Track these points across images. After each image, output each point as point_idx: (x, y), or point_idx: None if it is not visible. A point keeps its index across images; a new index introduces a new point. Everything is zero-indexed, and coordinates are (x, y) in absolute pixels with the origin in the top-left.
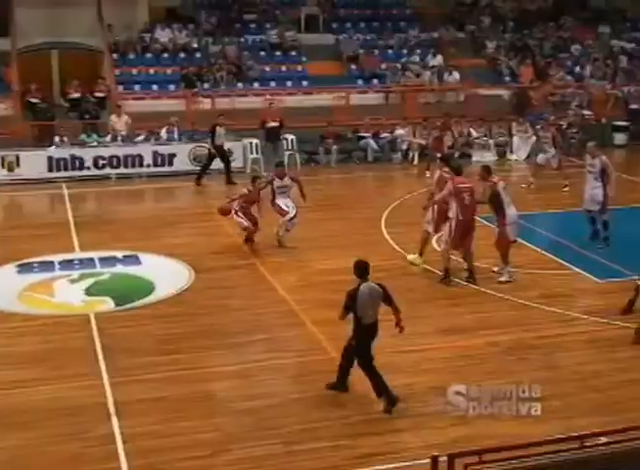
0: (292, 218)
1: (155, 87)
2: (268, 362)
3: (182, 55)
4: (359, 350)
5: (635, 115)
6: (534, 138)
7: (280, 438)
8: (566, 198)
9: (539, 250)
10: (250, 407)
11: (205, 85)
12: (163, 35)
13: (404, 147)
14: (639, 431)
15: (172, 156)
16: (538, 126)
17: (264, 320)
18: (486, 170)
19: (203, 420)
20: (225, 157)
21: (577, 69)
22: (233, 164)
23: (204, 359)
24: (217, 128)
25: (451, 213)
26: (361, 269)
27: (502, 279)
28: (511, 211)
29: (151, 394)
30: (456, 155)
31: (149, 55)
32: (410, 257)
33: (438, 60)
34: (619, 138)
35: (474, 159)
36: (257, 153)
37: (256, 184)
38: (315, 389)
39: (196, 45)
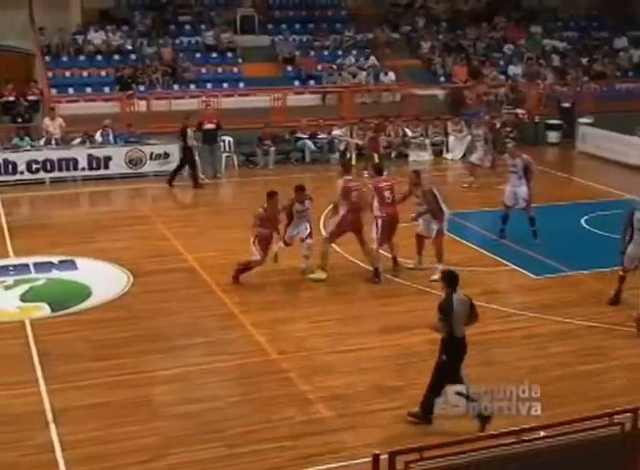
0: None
1: (88, 90)
2: (209, 365)
3: (116, 57)
4: (448, 365)
5: (567, 113)
6: (469, 137)
7: (222, 441)
8: (500, 195)
9: (476, 247)
10: (191, 411)
11: (141, 87)
12: (97, 37)
13: (342, 147)
14: (576, 424)
15: (108, 159)
16: (473, 125)
17: (204, 323)
18: (417, 175)
19: (143, 425)
20: (193, 160)
21: (510, 68)
22: (169, 168)
23: (143, 364)
24: (188, 130)
25: (376, 212)
26: (452, 279)
27: (435, 277)
28: (445, 209)
29: (89, 400)
30: (393, 155)
31: (82, 57)
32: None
33: (374, 60)
34: (552, 136)
35: (410, 158)
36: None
37: (274, 202)
38: (257, 391)
39: (130, 47)
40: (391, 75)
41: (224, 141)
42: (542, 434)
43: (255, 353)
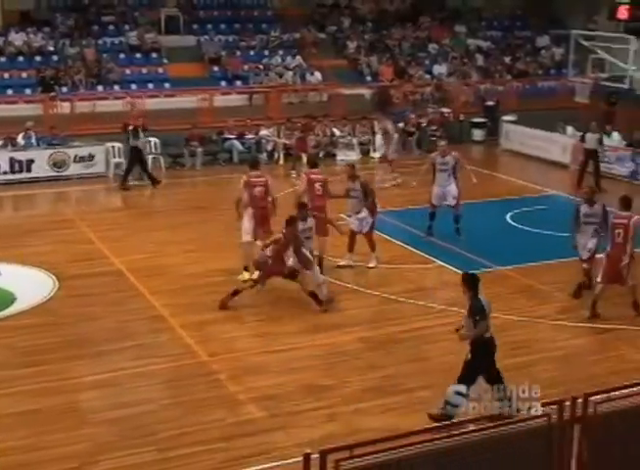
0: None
1: (10, 91)
2: (138, 369)
3: (38, 58)
4: (476, 364)
5: (491, 111)
6: (397, 136)
7: (154, 445)
8: (425, 193)
9: (404, 245)
10: (121, 416)
11: (64, 89)
12: (18, 39)
13: (269, 147)
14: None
15: (30, 162)
16: (384, 122)
17: (132, 327)
18: (353, 168)
19: (73, 431)
20: (137, 160)
21: (435, 67)
22: (94, 170)
23: (71, 370)
24: (140, 131)
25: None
26: (474, 281)
27: (371, 265)
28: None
29: (18, 407)
30: (320, 154)
31: (3, 59)
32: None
33: (300, 60)
34: (477, 134)
35: (338, 158)
36: (120, 157)
37: (293, 228)
38: (187, 393)
39: (52, 48)
40: (318, 75)
41: (150, 142)
42: (472, 427)
43: (185, 356)
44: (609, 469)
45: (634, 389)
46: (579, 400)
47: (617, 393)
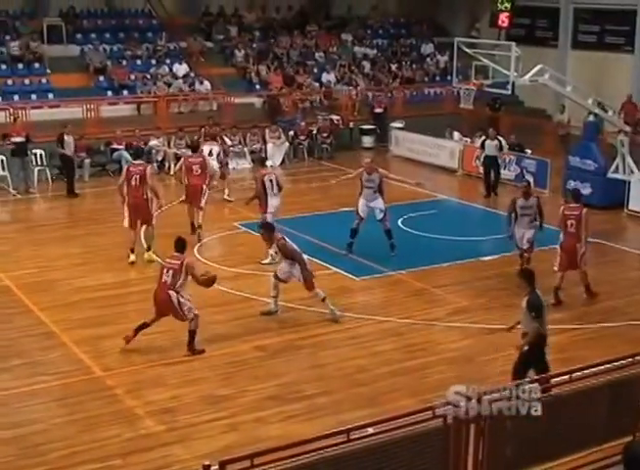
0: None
1: None
2: (29, 388)
3: None
4: (532, 357)
5: (380, 118)
6: (287, 144)
7: (46, 465)
8: (320, 200)
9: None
10: (12, 436)
11: None
12: None
13: (159, 157)
14: (403, 419)
15: None
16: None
17: (22, 344)
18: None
19: None
20: (71, 169)
21: (324, 75)
22: None
23: None
24: (65, 137)
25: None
26: (532, 276)
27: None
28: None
29: None
30: None
31: None
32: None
33: (187, 69)
34: (367, 141)
35: (230, 166)
36: (4, 170)
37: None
38: (81, 411)
39: None
40: (207, 84)
41: (35, 154)
42: (370, 431)
43: (78, 372)
44: (503, 467)
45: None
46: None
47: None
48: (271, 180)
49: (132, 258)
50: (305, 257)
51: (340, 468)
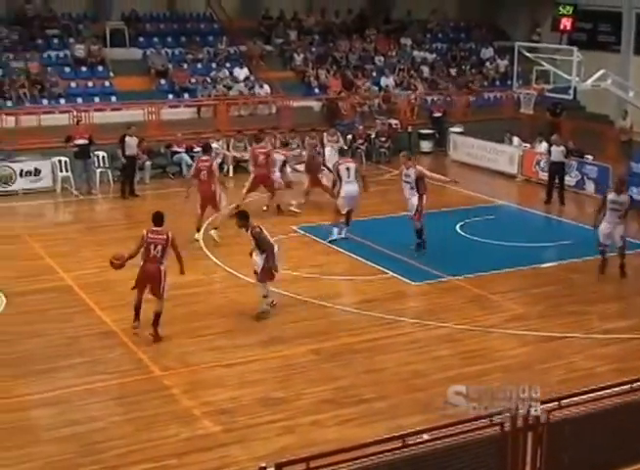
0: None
1: None
2: (89, 386)
3: None
4: None
5: (438, 122)
6: (345, 148)
7: (104, 463)
8: (379, 205)
9: (356, 257)
10: (71, 433)
11: (8, 103)
12: None
13: (219, 160)
14: (459, 426)
15: None
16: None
17: (83, 343)
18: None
19: (23, 450)
20: (132, 170)
21: (382, 79)
22: (41, 185)
23: (19, 387)
24: (127, 139)
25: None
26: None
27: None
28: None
29: None
30: None
31: None
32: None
33: (247, 73)
34: (425, 145)
35: (288, 170)
36: (67, 171)
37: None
38: (139, 410)
39: None
40: (266, 88)
41: (97, 156)
42: (426, 437)
43: (138, 371)
44: None
45: (585, 396)
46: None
47: (568, 400)
48: (347, 168)
49: (197, 236)
50: (276, 248)
51: None
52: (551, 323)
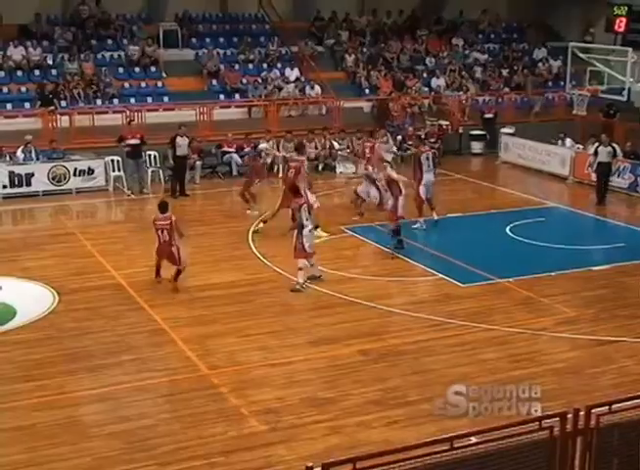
0: None
1: (9, 106)
2: (138, 383)
3: (37, 72)
4: None
5: (490, 124)
6: (395, 149)
7: (153, 459)
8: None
9: (405, 258)
10: (121, 430)
11: (63, 103)
12: (17, 53)
13: (269, 160)
14: (507, 430)
15: (30, 176)
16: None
17: (132, 340)
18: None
19: (73, 446)
20: (183, 170)
21: (433, 80)
22: (94, 183)
23: (70, 383)
24: (178, 139)
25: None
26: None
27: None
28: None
29: (15, 422)
30: (320, 167)
31: (2, 73)
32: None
33: (298, 73)
34: (476, 146)
35: (338, 170)
36: (120, 170)
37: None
38: (187, 407)
39: (51, 62)
40: (317, 88)
41: (150, 156)
42: (474, 440)
43: (186, 369)
44: None
45: (636, 401)
46: (582, 413)
47: (619, 405)
48: (427, 157)
49: (261, 225)
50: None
51: None
52: (602, 327)
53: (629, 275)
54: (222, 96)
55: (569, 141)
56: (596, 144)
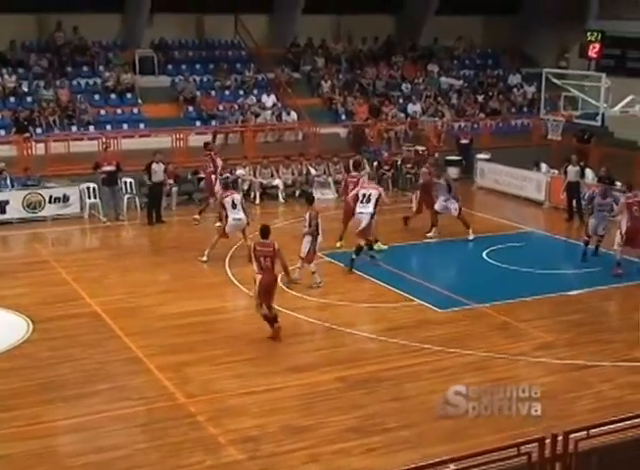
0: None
1: None
2: (114, 412)
3: (12, 99)
4: None
5: (465, 149)
6: (368, 173)
7: None
8: (402, 231)
9: (381, 283)
10: (97, 460)
11: (38, 130)
12: None
13: (245, 187)
14: (485, 456)
15: (4, 203)
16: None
17: (108, 369)
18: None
19: None
20: (159, 197)
21: (409, 106)
22: (69, 211)
23: (46, 413)
24: (154, 165)
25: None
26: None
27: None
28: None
29: None
30: (296, 193)
31: None
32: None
33: (275, 100)
34: (453, 172)
35: (315, 196)
36: (95, 197)
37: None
38: (164, 437)
39: (26, 89)
40: (293, 115)
41: (125, 183)
42: (452, 467)
43: (162, 398)
44: None
45: (613, 426)
46: (560, 438)
47: (596, 430)
48: (364, 194)
49: (339, 244)
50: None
51: None
52: (579, 351)
53: (605, 299)
54: (198, 123)
55: (544, 166)
56: (565, 164)
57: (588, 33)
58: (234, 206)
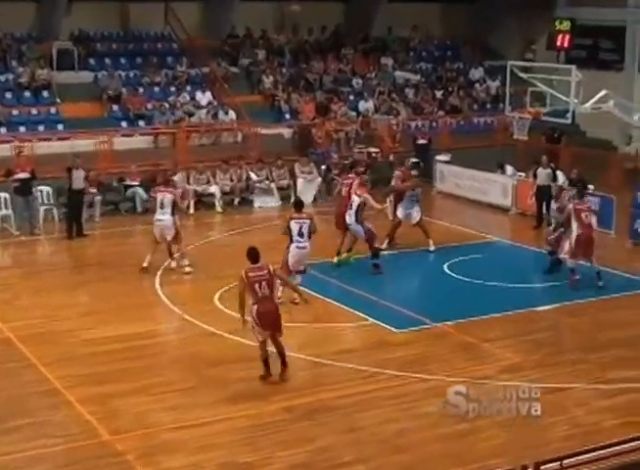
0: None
1: None
2: (32, 452)
3: None
4: None
5: (423, 150)
6: (319, 179)
7: None
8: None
9: (332, 301)
10: None
11: None
12: None
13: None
14: None
15: None
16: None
17: (24, 402)
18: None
19: None
20: (79, 207)
21: (361, 103)
22: None
23: None
24: (73, 171)
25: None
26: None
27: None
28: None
29: None
30: (236, 201)
31: None
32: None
33: (210, 97)
34: None
35: (256, 205)
36: (7, 208)
37: None
38: None
39: None
40: (232, 114)
41: (41, 192)
42: None
43: (85, 435)
44: None
45: (589, 455)
46: None
47: (570, 460)
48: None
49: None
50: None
51: None
52: (549, 373)
53: (574, 316)
54: (124, 123)
55: (509, 169)
56: (534, 166)
57: (557, 22)
58: (161, 205)
